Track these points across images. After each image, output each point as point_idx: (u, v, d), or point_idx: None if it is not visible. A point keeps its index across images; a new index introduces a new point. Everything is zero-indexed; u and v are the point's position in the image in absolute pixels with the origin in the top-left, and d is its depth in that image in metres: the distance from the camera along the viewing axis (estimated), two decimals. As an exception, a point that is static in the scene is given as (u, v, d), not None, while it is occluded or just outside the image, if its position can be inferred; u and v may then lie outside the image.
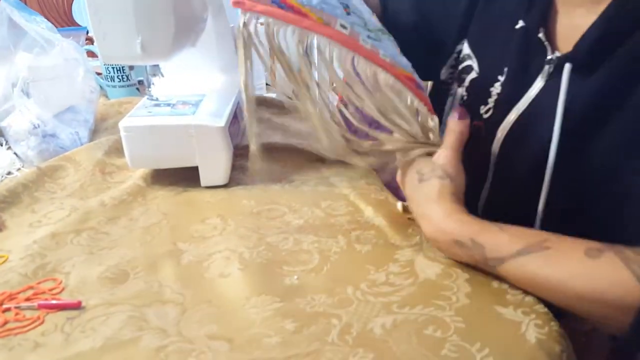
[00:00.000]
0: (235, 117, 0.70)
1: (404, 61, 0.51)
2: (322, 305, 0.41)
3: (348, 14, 0.49)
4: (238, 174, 0.66)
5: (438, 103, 0.64)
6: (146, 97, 0.67)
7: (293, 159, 0.70)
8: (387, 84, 0.48)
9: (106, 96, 0.97)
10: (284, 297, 0.42)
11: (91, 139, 0.76)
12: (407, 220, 0.54)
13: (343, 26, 0.46)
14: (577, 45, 0.47)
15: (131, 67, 0.84)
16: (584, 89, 0.47)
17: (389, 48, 0.50)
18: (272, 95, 1.00)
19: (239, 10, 0.44)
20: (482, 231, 0.43)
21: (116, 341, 0.38)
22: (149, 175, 0.65)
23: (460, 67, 0.63)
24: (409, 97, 0.50)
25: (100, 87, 0.93)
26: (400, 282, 0.43)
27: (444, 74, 0.66)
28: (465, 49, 0.62)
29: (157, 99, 0.66)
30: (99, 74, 0.98)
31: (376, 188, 0.62)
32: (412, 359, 0.35)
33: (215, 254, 0.49)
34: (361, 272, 0.45)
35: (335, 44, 0.46)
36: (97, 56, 1.03)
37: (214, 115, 0.63)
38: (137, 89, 0.94)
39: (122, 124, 0.59)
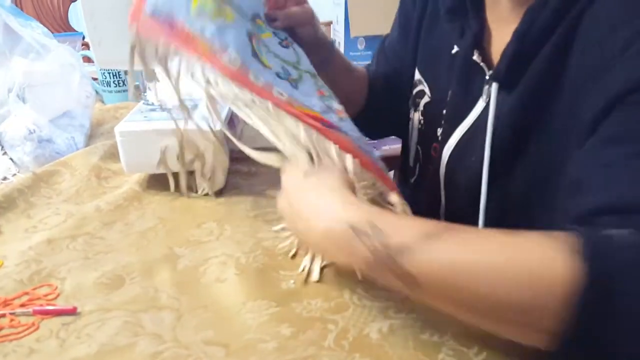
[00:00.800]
0: (232, 122, 0.70)
1: (314, 102, 0.49)
2: (318, 310, 0.41)
3: (287, 46, 0.53)
4: (234, 178, 0.66)
5: (404, 132, 0.67)
6: (142, 102, 0.67)
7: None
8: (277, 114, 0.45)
9: (102, 101, 0.96)
10: (280, 302, 0.42)
11: (87, 144, 0.76)
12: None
13: (233, 56, 0.45)
14: (498, 63, 0.48)
15: (127, 72, 0.84)
16: (508, 105, 0.48)
17: (305, 88, 0.50)
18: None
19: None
20: (382, 214, 0.37)
21: (112, 347, 0.38)
22: (145, 180, 0.65)
23: (414, 92, 0.64)
24: (302, 128, 0.45)
25: (96, 92, 0.93)
26: (397, 286, 0.43)
27: (410, 102, 0.66)
28: (417, 74, 0.64)
29: (153, 104, 0.66)
30: (95, 79, 0.98)
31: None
32: (408, 363, 0.35)
33: (212, 259, 0.49)
34: (358, 276, 0.45)
35: (221, 76, 0.44)
36: (93, 61, 1.03)
37: (209, 120, 0.63)
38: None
39: (118, 128, 0.59)
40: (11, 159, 0.70)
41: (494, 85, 0.48)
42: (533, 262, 0.30)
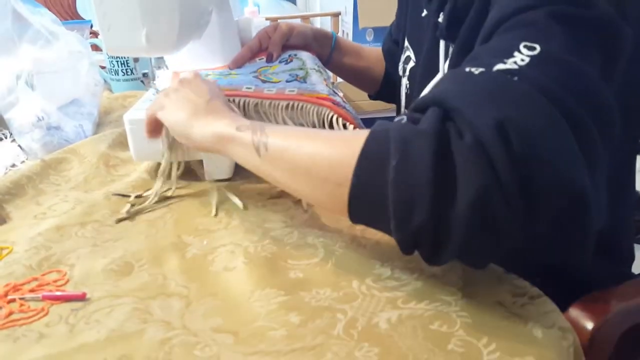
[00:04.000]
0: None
1: (322, 87, 0.64)
2: (327, 299, 0.41)
3: (291, 61, 0.73)
4: (243, 168, 0.66)
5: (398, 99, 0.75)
6: (151, 90, 0.67)
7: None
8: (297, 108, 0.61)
9: (110, 90, 0.96)
10: (288, 291, 0.42)
11: (95, 132, 0.76)
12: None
13: (248, 87, 0.63)
14: (443, 21, 0.54)
15: (136, 60, 0.83)
16: (452, 60, 0.53)
17: (313, 80, 0.67)
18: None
19: None
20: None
21: (120, 333, 0.38)
22: (154, 168, 0.65)
23: (403, 58, 0.70)
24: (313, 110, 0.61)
25: (104, 80, 0.93)
26: (406, 277, 0.43)
27: (400, 69, 0.73)
28: (405, 42, 0.70)
29: (161, 92, 0.66)
30: (103, 67, 0.98)
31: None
32: (418, 353, 0.35)
33: (220, 248, 0.49)
34: (366, 266, 0.45)
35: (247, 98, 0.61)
36: (101, 50, 1.03)
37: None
38: (142, 81, 0.94)
39: (127, 116, 0.59)
40: (19, 145, 0.70)
41: (441, 42, 0.55)
42: (343, 141, 0.39)
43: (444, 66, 0.57)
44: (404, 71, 0.71)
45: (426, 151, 0.33)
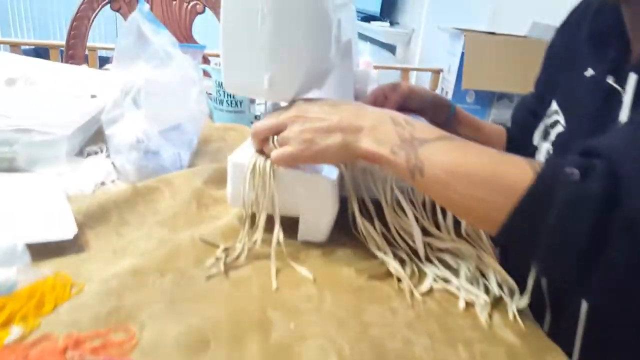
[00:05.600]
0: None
1: None
2: None
3: None
4: (337, 233, 0.58)
5: None
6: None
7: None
8: None
9: (211, 117, 0.94)
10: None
11: (191, 161, 0.73)
12: (546, 339, 0.42)
13: None
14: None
15: (252, 101, 0.80)
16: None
17: None
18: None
19: None
20: (413, 120, 0.49)
21: None
22: (245, 215, 0.58)
23: (548, 122, 0.65)
24: None
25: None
26: None
27: (535, 138, 0.68)
28: (554, 105, 0.65)
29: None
30: (209, 94, 0.96)
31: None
32: None
33: (310, 340, 0.40)
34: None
35: None
36: (209, 76, 1.02)
37: (326, 165, 0.56)
38: (252, 122, 0.91)
39: (232, 158, 0.54)
40: (113, 163, 0.68)
41: (632, 77, 0.49)
42: (506, 175, 0.41)
43: (630, 104, 0.50)
44: (547, 134, 0.64)
45: (586, 220, 0.36)
